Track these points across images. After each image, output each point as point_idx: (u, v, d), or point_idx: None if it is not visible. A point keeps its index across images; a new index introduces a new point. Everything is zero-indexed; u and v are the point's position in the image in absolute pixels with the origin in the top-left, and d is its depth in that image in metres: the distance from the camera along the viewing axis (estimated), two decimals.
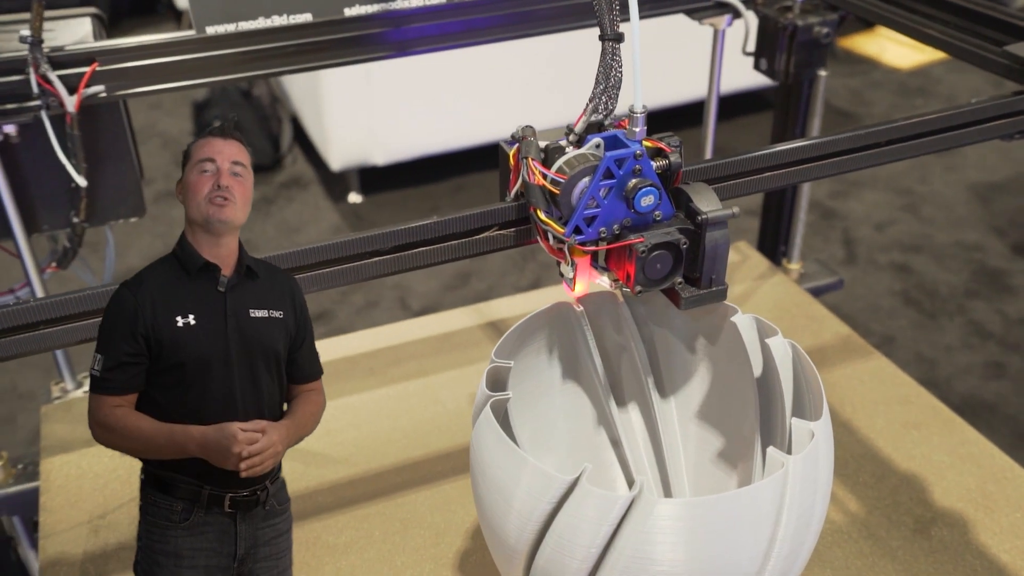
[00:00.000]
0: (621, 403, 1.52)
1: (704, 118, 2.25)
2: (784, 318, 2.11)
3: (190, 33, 1.81)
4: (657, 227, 1.20)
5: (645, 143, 1.22)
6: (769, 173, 1.43)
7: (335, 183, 4.35)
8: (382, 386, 1.95)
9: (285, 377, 1.27)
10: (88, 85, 1.73)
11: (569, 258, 1.22)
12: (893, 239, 4.08)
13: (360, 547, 1.62)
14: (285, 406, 1.29)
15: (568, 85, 4.14)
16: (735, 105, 4.45)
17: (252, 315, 1.20)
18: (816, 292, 2.30)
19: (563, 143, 1.23)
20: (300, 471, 1.77)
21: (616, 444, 1.53)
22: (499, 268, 3.89)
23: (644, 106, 1.18)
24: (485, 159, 4.33)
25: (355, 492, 1.72)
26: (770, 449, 1.19)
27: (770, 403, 1.39)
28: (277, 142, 4.49)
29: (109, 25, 1.97)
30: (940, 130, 1.58)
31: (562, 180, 1.16)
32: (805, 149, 1.45)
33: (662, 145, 1.22)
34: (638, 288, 1.20)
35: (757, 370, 1.39)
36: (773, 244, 2.44)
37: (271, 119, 4.45)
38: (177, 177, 1.23)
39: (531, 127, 1.23)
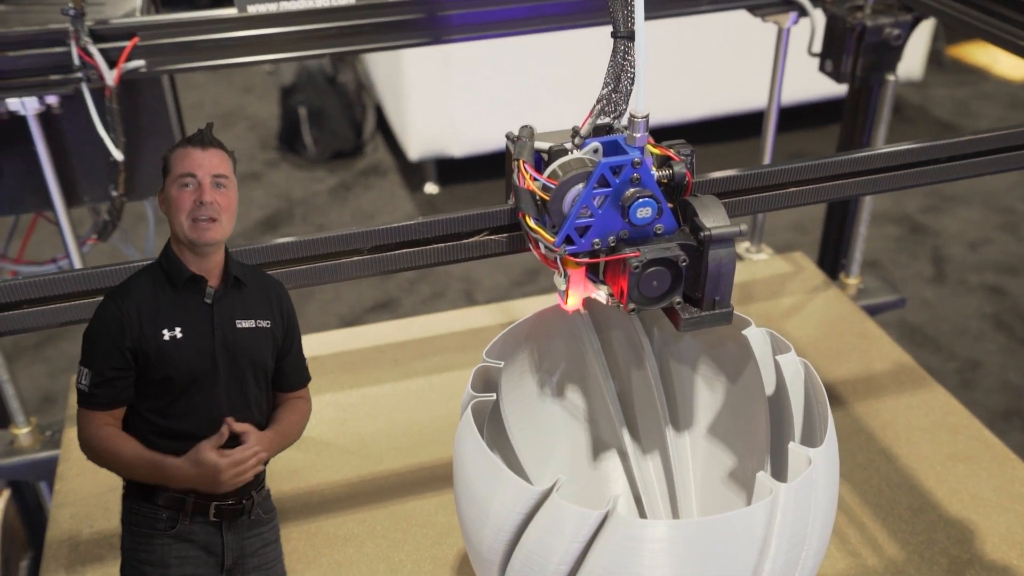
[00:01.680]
0: (629, 413, 1.45)
1: (764, 125, 2.15)
2: (832, 335, 1.99)
3: (231, 12, 1.80)
4: (656, 241, 1.11)
5: (653, 150, 1.14)
6: (794, 189, 1.33)
7: (413, 173, 4.35)
8: (405, 378, 1.91)
9: (271, 392, 1.25)
10: (128, 60, 1.75)
11: (562, 269, 1.15)
12: (987, 259, 3.86)
13: (360, 541, 1.59)
14: None
15: (661, 80, 4.07)
16: (813, 114, 4.27)
17: (239, 326, 1.18)
18: (875, 310, 2.17)
19: (568, 146, 1.16)
20: (311, 459, 1.75)
21: (623, 456, 1.46)
22: None
23: (647, 111, 1.10)
24: None
25: (362, 485, 1.69)
26: (760, 475, 1.11)
27: (781, 422, 1.30)
28: (360, 129, 4.51)
29: (162, 4, 1.99)
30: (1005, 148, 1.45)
31: (553, 186, 1.09)
32: (830, 166, 1.35)
33: (670, 153, 1.14)
34: (631, 306, 1.12)
35: (770, 387, 1.31)
36: (834, 257, 2.32)
37: (355, 106, 4.48)
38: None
39: (530, 127, 1.17)
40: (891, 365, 1.93)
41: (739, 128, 4.26)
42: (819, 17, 2.05)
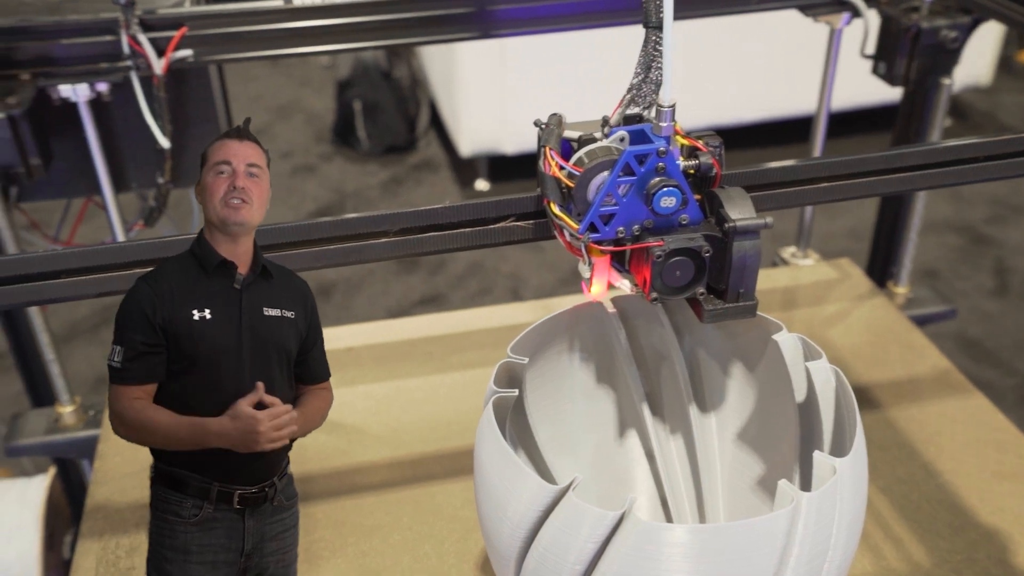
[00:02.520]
0: (657, 414, 1.43)
1: (812, 129, 2.11)
2: (876, 344, 1.95)
3: (279, 3, 1.82)
4: (681, 232, 1.10)
5: (682, 141, 1.13)
6: (821, 185, 1.30)
7: (464, 169, 4.36)
8: (439, 372, 1.92)
9: (294, 377, 1.26)
10: (176, 49, 1.77)
11: (587, 257, 1.14)
12: None
13: (386, 531, 1.60)
14: None
15: (709, 81, 4.02)
16: (865, 120, 4.17)
17: (266, 313, 1.21)
18: (924, 320, 2.12)
19: (597, 135, 1.16)
20: (342, 447, 1.76)
21: (650, 457, 1.45)
22: None
23: (674, 100, 1.08)
24: None
25: (391, 476, 1.70)
26: (782, 482, 1.08)
27: (812, 430, 1.27)
28: (413, 124, 4.54)
29: None
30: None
31: (578, 173, 1.09)
32: (859, 162, 1.31)
33: (698, 144, 1.12)
34: (653, 295, 1.11)
35: (800, 394, 1.28)
36: (884, 265, 2.26)
37: (409, 101, 4.51)
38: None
39: (558, 115, 1.16)
40: (938, 377, 1.88)
41: (789, 133, 4.19)
42: (873, 18, 2.00)
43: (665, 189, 1.07)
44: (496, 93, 4.00)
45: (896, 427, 1.78)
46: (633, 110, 1.16)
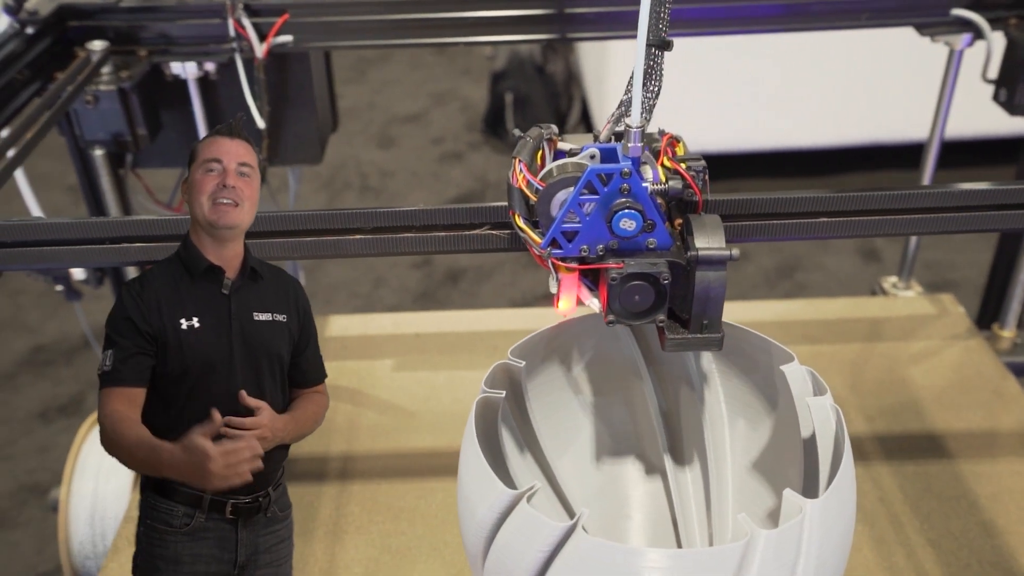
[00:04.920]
0: (673, 433, 1.40)
1: (923, 155, 1.99)
2: (961, 388, 1.82)
3: None
4: (645, 256, 1.07)
5: (667, 164, 1.11)
6: (811, 220, 1.24)
7: None
8: None
9: (287, 381, 1.24)
10: (277, 34, 1.87)
11: (554, 272, 1.13)
12: None
13: (413, 515, 1.64)
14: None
15: (871, 95, 3.83)
16: (983, 152, 3.82)
17: (256, 318, 1.19)
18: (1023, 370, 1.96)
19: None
20: (390, 429, 1.81)
21: (662, 475, 1.42)
22: None
23: (643, 120, 1.06)
24: (766, 166, 4.12)
25: (428, 463, 1.74)
26: (741, 516, 1.05)
27: (814, 465, 1.22)
28: (563, 120, 4.55)
29: None
30: None
31: (540, 187, 1.08)
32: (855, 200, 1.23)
33: (680, 168, 1.10)
34: (610, 317, 1.09)
35: (807, 428, 1.23)
36: (996, 307, 2.11)
37: (561, 96, 4.52)
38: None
39: (539, 128, 1.14)
40: (1022, 432, 1.74)
41: (897, 159, 3.92)
42: (998, 40, 1.87)
43: (624, 211, 1.04)
44: None
45: (961, 478, 1.66)
46: (621, 128, 1.14)
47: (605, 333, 1.35)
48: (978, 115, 2.29)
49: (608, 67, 3.99)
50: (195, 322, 1.15)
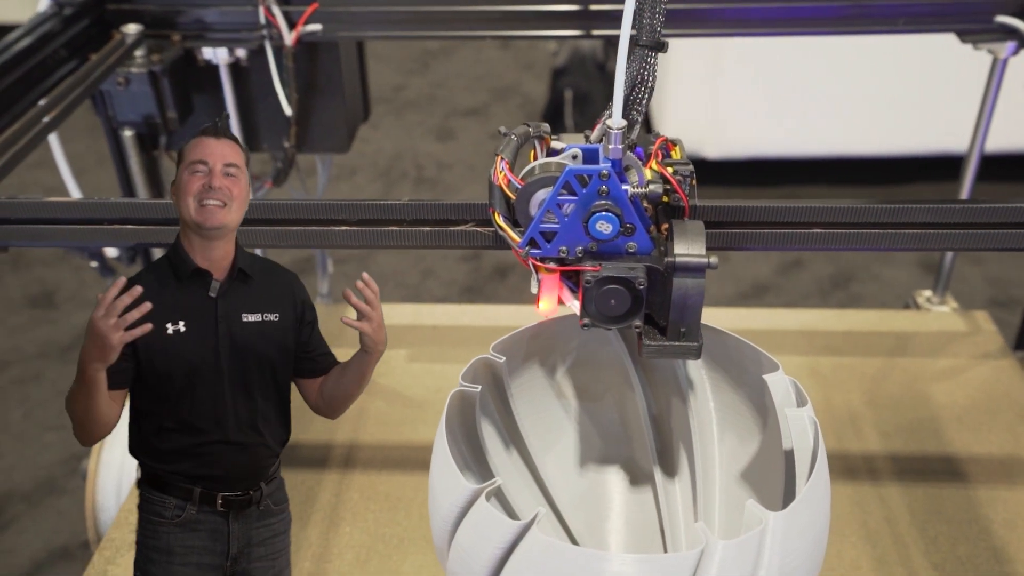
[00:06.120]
0: (663, 437, 1.38)
1: (963, 168, 1.92)
2: (985, 408, 1.76)
3: None
4: (624, 260, 1.04)
5: (655, 168, 1.08)
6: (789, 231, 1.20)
7: None
8: None
9: (283, 381, 1.24)
10: (307, 23, 1.89)
11: (535, 272, 1.11)
12: None
13: (409, 507, 1.65)
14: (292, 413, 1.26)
15: (846, 108, 3.72)
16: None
17: (245, 320, 1.18)
18: None
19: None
20: (397, 419, 1.82)
21: (653, 484, 1.40)
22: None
23: (623, 123, 1.04)
24: (829, 173, 4.03)
25: (430, 455, 1.73)
26: (698, 524, 1.02)
27: (794, 476, 1.19)
28: None
29: None
30: None
31: (519, 186, 1.07)
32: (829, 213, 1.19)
33: (666, 173, 1.07)
34: (585, 321, 1.07)
35: (788, 439, 1.19)
36: None
37: None
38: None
39: (526, 126, 1.13)
40: None
41: (938, 171, 3.78)
42: None
43: (600, 214, 1.02)
44: (706, 95, 3.90)
45: (975, 502, 1.60)
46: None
47: (592, 334, 1.33)
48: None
49: (667, 67, 3.94)
50: (181, 326, 1.16)
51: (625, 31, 0.99)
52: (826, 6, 1.81)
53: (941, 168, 3.86)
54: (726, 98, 3.89)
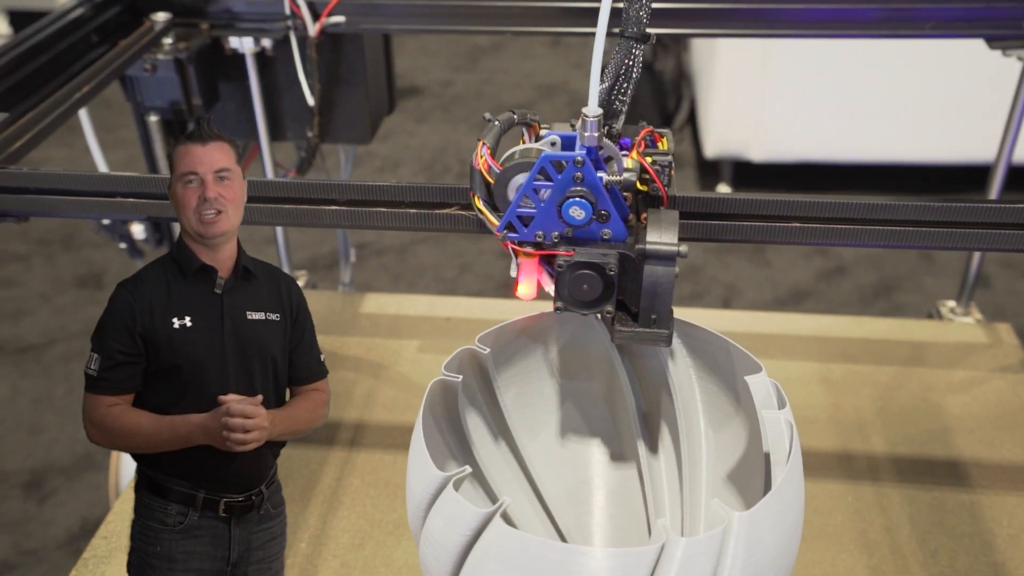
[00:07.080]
0: (651, 434, 1.37)
1: (990, 176, 1.87)
2: (1000, 420, 1.72)
3: None
4: (597, 246, 1.06)
5: (635, 157, 1.09)
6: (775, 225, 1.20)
7: (709, 171, 4.25)
8: None
9: (282, 381, 1.25)
10: (330, 15, 1.92)
11: (514, 256, 1.13)
12: None
13: (400, 494, 1.66)
14: None
15: (872, 113, 3.64)
16: None
17: (249, 317, 1.20)
18: None
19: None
20: (405, 404, 1.84)
21: (640, 474, 1.39)
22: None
23: (599, 111, 1.04)
24: (873, 178, 3.97)
25: None
26: (660, 521, 1.02)
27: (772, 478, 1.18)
28: (670, 119, 4.49)
29: None
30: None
31: (498, 170, 1.08)
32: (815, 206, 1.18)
33: (644, 162, 1.08)
34: (558, 304, 1.08)
35: (766, 439, 1.18)
36: None
37: (669, 95, 4.46)
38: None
39: (511, 112, 1.14)
40: None
41: (964, 181, 3.67)
42: None
43: (573, 200, 1.03)
44: (752, 97, 3.86)
45: (980, 516, 1.57)
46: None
47: (580, 324, 1.33)
48: None
49: (715, 66, 3.91)
50: (187, 321, 1.17)
51: (602, 25, 1.00)
52: (852, 8, 1.78)
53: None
54: (771, 102, 3.85)
